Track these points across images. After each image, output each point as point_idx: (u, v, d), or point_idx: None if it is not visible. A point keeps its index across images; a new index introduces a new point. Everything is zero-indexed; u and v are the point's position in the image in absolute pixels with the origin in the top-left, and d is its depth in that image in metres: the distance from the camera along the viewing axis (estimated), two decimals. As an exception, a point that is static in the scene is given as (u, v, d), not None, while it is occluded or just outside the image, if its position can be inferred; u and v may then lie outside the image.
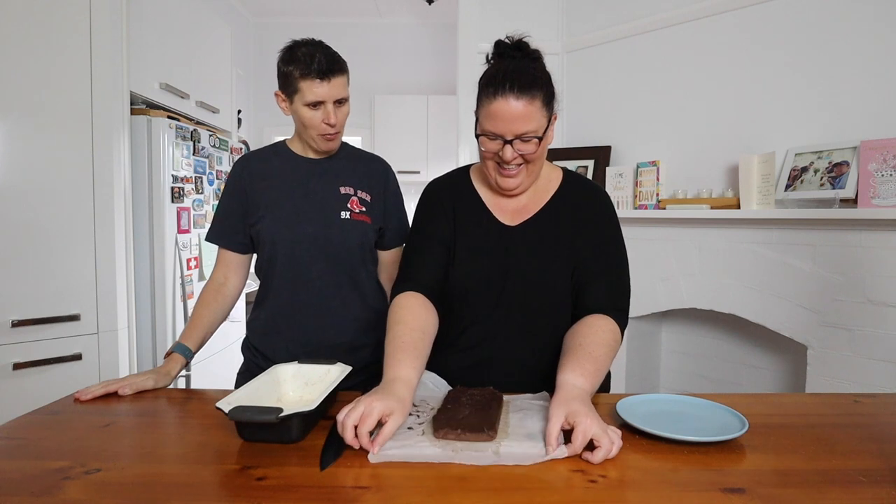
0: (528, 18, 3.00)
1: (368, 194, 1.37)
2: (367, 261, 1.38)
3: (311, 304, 1.32)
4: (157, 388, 1.13)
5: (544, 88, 1.02)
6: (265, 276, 1.36)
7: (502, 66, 1.03)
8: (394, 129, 4.52)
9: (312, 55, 1.21)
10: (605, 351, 0.99)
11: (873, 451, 0.82)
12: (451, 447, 0.82)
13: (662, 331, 2.88)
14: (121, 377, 1.13)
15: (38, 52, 1.77)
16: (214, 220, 1.38)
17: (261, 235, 1.31)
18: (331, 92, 1.23)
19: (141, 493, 0.70)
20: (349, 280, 1.34)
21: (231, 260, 1.38)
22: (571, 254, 1.11)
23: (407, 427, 0.88)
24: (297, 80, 1.22)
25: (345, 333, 1.34)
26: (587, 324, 1.04)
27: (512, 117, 0.99)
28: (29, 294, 1.77)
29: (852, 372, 1.95)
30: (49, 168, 1.80)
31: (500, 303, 1.12)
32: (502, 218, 1.15)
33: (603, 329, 1.02)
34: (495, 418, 0.88)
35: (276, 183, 1.33)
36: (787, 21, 2.18)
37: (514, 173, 1.07)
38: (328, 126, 1.26)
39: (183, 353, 1.23)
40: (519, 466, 0.77)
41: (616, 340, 1.03)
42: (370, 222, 1.36)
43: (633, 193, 2.62)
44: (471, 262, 1.14)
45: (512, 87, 0.99)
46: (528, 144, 1.03)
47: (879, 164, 1.85)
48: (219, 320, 1.36)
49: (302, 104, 1.24)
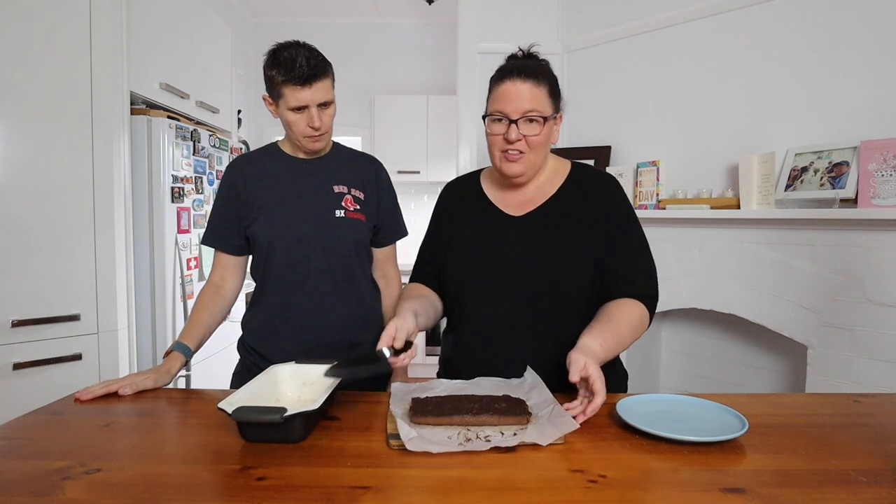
0: (528, 18, 3.00)
1: (362, 192, 1.38)
2: (362, 259, 1.39)
3: (307, 302, 1.32)
4: (158, 387, 1.13)
5: (550, 81, 1.11)
6: (261, 276, 1.36)
7: (509, 62, 1.14)
8: (394, 129, 4.52)
9: (294, 59, 1.20)
10: (628, 329, 1.07)
11: (873, 451, 0.82)
12: (475, 434, 0.86)
13: (662, 331, 2.88)
14: (121, 377, 1.13)
15: (38, 52, 1.77)
16: (209, 223, 1.39)
17: (256, 236, 1.31)
18: (313, 96, 1.23)
19: (141, 493, 0.70)
20: (345, 278, 1.35)
21: (227, 262, 1.38)
22: (587, 242, 1.13)
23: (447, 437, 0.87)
24: (279, 86, 1.23)
25: (341, 331, 1.34)
26: (619, 303, 1.10)
27: (518, 96, 1.07)
28: (29, 294, 1.77)
29: (852, 372, 1.95)
30: (49, 168, 1.80)
31: (499, 289, 1.14)
32: (507, 210, 1.19)
33: (632, 310, 1.10)
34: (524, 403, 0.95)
35: (269, 184, 1.34)
36: (788, 21, 2.18)
37: (517, 158, 1.11)
38: (312, 129, 1.26)
39: (183, 351, 1.23)
40: (519, 466, 0.77)
41: (642, 323, 1.11)
42: (365, 220, 1.36)
43: (633, 193, 2.62)
44: (466, 251, 1.19)
45: (520, 72, 1.08)
46: (532, 125, 1.08)
47: (879, 164, 1.85)
48: (217, 321, 1.36)
49: (286, 108, 1.25)
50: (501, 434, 0.86)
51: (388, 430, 0.89)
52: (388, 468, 0.77)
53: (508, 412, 0.90)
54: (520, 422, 0.89)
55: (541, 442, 0.82)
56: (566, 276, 1.11)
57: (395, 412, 0.92)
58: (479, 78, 1.15)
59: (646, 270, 1.15)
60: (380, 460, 0.80)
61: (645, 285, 1.14)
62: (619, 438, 0.87)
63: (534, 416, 0.92)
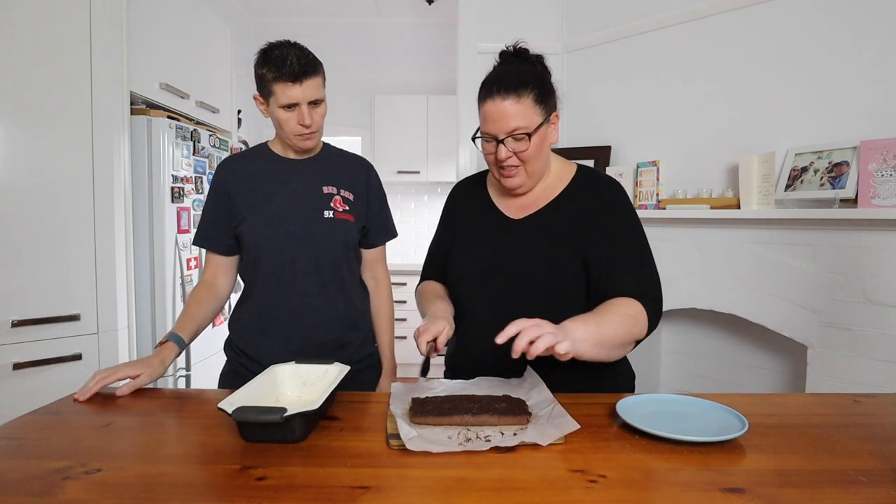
0: (527, 19, 3.00)
1: (351, 193, 1.38)
2: (350, 259, 1.39)
3: (295, 303, 1.32)
4: (154, 380, 1.13)
5: (534, 87, 1.07)
6: (249, 277, 1.36)
7: (494, 71, 1.11)
8: (394, 129, 4.52)
9: (285, 57, 1.21)
10: (613, 317, 1.01)
11: (873, 451, 0.82)
12: (475, 434, 0.86)
13: (662, 331, 2.88)
14: (111, 367, 1.12)
15: (38, 53, 1.77)
16: (200, 223, 1.38)
17: (244, 236, 1.31)
18: (304, 94, 1.23)
19: (141, 493, 0.70)
20: (333, 279, 1.35)
21: (219, 262, 1.38)
22: (580, 245, 1.12)
23: (447, 437, 0.88)
24: (270, 83, 1.23)
25: (329, 332, 1.34)
26: (612, 300, 1.07)
27: (500, 116, 1.06)
28: (29, 294, 1.77)
29: (852, 372, 1.95)
30: (49, 168, 1.80)
31: (497, 291, 1.14)
32: (509, 213, 1.20)
33: (622, 304, 1.05)
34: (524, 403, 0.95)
35: (259, 184, 1.34)
36: (788, 21, 2.18)
37: (512, 173, 1.11)
38: (303, 127, 1.26)
39: (177, 342, 1.23)
40: (519, 466, 0.77)
41: (633, 316, 1.04)
42: (354, 221, 1.36)
43: (633, 193, 2.62)
44: (468, 252, 1.20)
45: (499, 88, 1.06)
46: (520, 143, 1.07)
47: (879, 164, 1.84)
48: (209, 318, 1.36)
49: (277, 106, 1.25)
50: (501, 434, 0.86)
51: (388, 430, 0.89)
52: (388, 468, 0.77)
53: (508, 412, 0.90)
54: (520, 422, 0.89)
55: (541, 442, 0.82)
56: (562, 279, 1.11)
57: (395, 412, 0.92)
58: (479, 78, 1.14)
59: (645, 272, 1.12)
60: (380, 460, 0.80)
61: (642, 286, 1.10)
62: (619, 438, 0.87)
63: (534, 416, 0.92)
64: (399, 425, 0.87)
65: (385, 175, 4.53)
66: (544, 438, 0.83)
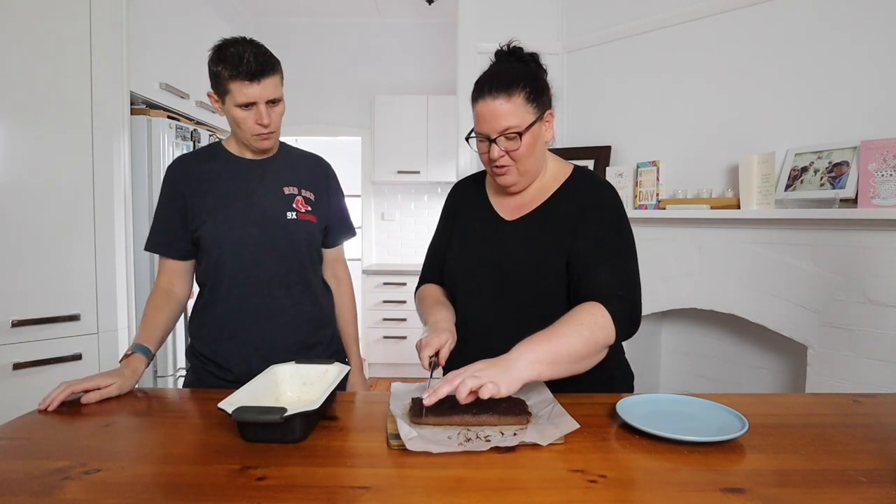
0: (527, 18, 3.00)
1: (312, 193, 1.36)
2: (314, 260, 1.38)
3: (262, 306, 1.29)
4: (123, 393, 1.08)
5: (526, 85, 1.07)
6: (211, 281, 1.30)
7: (486, 71, 1.12)
8: (394, 129, 4.52)
9: (241, 55, 1.17)
10: (569, 330, 0.96)
11: (873, 451, 0.82)
12: (475, 434, 0.87)
13: (662, 331, 2.88)
14: (81, 378, 1.07)
15: (38, 53, 1.76)
16: (153, 227, 1.33)
17: (205, 240, 1.27)
18: (262, 93, 1.20)
19: (141, 493, 0.70)
20: (299, 280, 1.33)
21: (175, 267, 1.34)
22: (567, 247, 1.10)
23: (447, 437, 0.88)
24: (226, 81, 1.19)
25: (297, 333, 1.33)
26: (572, 309, 1.01)
27: (491, 115, 1.06)
28: (29, 294, 1.77)
29: (852, 372, 1.95)
30: (49, 168, 1.80)
31: (488, 293, 1.15)
32: (503, 213, 1.20)
33: (580, 312, 0.99)
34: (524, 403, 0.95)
35: (217, 185, 1.30)
36: (787, 21, 2.18)
37: (505, 171, 1.11)
38: (261, 126, 1.23)
39: (145, 353, 1.19)
40: (519, 466, 0.77)
41: (592, 323, 0.97)
42: (316, 221, 1.35)
43: (633, 193, 2.62)
44: (462, 253, 1.21)
45: (490, 88, 1.06)
46: (512, 142, 1.07)
47: (879, 164, 1.84)
48: (171, 325, 1.33)
49: (233, 105, 1.21)
50: (501, 434, 0.86)
51: (388, 430, 0.89)
52: (388, 468, 0.77)
53: (508, 412, 0.90)
54: (520, 422, 0.89)
55: (541, 442, 0.82)
56: (547, 280, 1.10)
57: (395, 412, 0.92)
58: (479, 78, 1.14)
59: (619, 271, 1.06)
60: (380, 460, 0.80)
61: (612, 285, 1.03)
62: (619, 438, 0.87)
63: (534, 416, 0.92)
64: (399, 425, 0.87)
65: (385, 175, 4.53)
66: (544, 438, 0.83)
